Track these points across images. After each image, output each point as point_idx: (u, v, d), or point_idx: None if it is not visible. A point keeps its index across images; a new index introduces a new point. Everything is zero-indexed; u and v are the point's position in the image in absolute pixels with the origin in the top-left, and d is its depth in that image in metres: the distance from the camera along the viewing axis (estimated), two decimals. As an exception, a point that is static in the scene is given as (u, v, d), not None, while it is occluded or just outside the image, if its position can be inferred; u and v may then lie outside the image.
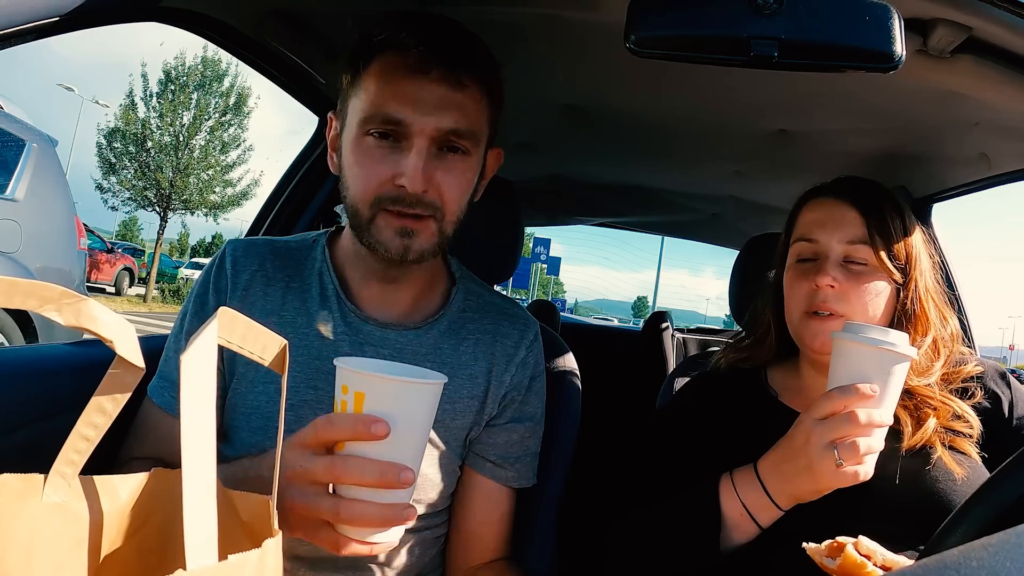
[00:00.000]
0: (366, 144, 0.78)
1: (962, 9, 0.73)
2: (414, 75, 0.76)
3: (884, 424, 0.71)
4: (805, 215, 0.95)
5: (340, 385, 0.57)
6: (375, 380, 0.56)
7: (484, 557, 0.88)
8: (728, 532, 0.79)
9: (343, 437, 0.56)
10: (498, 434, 0.89)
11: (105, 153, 18.14)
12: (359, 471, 0.56)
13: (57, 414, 0.81)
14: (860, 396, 0.71)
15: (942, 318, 0.90)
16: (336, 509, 0.56)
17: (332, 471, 0.56)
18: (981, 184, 1.36)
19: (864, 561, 0.60)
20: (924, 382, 0.86)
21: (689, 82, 1.12)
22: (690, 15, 0.64)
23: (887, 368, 0.71)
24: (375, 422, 0.54)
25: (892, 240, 0.89)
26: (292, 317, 0.84)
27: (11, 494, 0.42)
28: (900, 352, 0.71)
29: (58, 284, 0.41)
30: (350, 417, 0.56)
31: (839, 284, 0.87)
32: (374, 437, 0.54)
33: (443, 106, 0.77)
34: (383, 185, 0.77)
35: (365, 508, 0.57)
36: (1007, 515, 0.50)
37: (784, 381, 0.98)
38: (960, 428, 0.83)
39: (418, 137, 0.76)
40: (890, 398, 0.72)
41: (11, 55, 10.03)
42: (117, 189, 18.26)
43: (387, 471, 0.55)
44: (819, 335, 0.88)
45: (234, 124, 18.91)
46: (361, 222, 0.80)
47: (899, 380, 0.72)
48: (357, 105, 0.79)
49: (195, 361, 0.39)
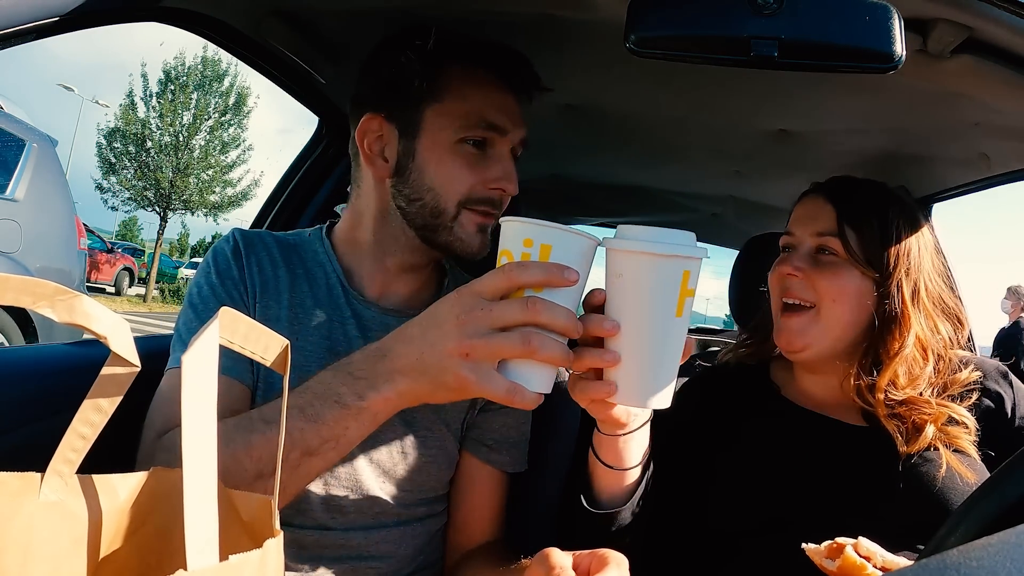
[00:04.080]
0: (463, 150, 0.84)
1: (962, 9, 0.73)
2: (506, 88, 0.86)
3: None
4: (793, 212, 0.97)
5: (521, 238, 0.60)
6: (562, 233, 0.60)
7: (478, 540, 0.91)
8: (595, 482, 0.79)
9: (535, 282, 0.59)
10: (494, 418, 0.92)
11: (105, 153, 18.16)
12: (551, 313, 0.58)
13: (57, 414, 0.81)
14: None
15: (933, 327, 0.89)
16: (528, 339, 0.58)
17: (529, 310, 0.58)
18: (981, 184, 1.36)
19: (864, 563, 0.60)
20: (914, 391, 0.85)
21: (689, 82, 1.12)
22: (690, 15, 0.64)
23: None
24: (567, 269, 0.58)
25: (867, 237, 0.88)
26: (301, 299, 0.87)
27: (8, 493, 0.42)
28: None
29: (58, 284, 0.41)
30: (544, 264, 0.59)
31: (803, 272, 0.88)
32: (567, 282, 0.58)
33: (522, 118, 0.88)
34: (474, 188, 0.84)
35: (553, 343, 0.59)
36: (1008, 515, 0.50)
37: (785, 376, 0.99)
38: (958, 432, 0.83)
39: (507, 145, 0.86)
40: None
41: (11, 55, 10.03)
42: (117, 189, 18.28)
43: (571, 316, 0.59)
44: (783, 331, 0.91)
45: (234, 124, 18.92)
46: (444, 221, 0.85)
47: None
48: (447, 112, 0.84)
49: (196, 361, 0.38)
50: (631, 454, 0.75)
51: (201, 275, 0.87)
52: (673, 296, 0.61)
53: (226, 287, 0.84)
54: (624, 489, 0.77)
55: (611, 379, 0.62)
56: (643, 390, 0.62)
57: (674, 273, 0.60)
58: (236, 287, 0.85)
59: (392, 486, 0.85)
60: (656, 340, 0.61)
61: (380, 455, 0.84)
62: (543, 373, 0.62)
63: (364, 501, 0.83)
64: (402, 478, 0.85)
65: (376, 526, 0.84)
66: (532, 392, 0.60)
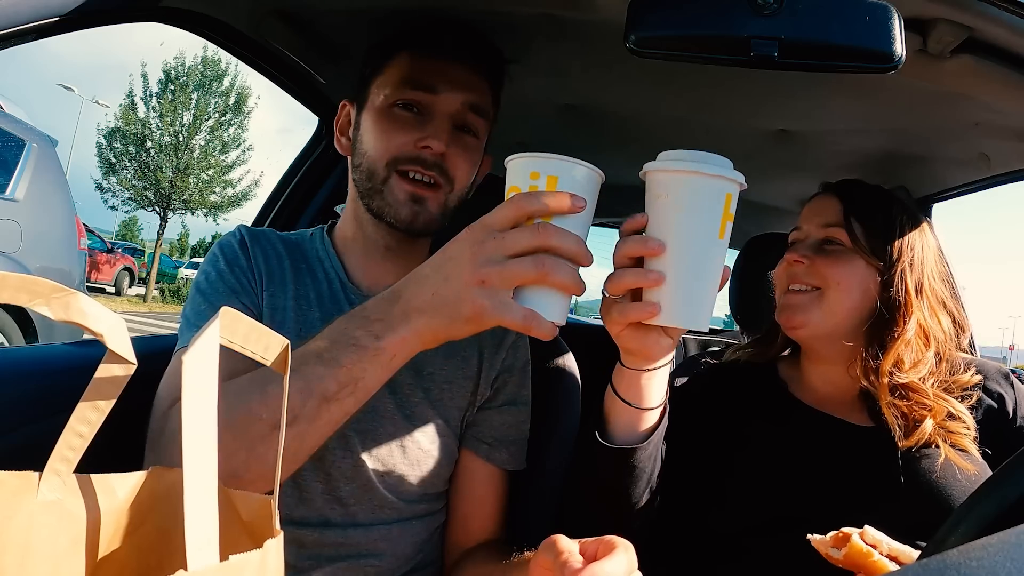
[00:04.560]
0: (392, 114, 0.86)
1: (962, 9, 0.73)
2: (444, 56, 0.87)
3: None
4: (802, 212, 0.99)
5: (528, 172, 0.62)
6: (567, 163, 0.61)
7: (478, 538, 0.91)
8: (611, 421, 0.78)
9: (544, 210, 0.60)
10: (493, 416, 0.92)
11: (105, 153, 18.15)
12: (561, 237, 0.59)
13: (57, 414, 0.81)
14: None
15: (936, 319, 0.91)
16: (541, 263, 0.58)
17: (539, 235, 0.59)
18: (981, 184, 1.36)
19: (870, 550, 0.60)
20: (916, 376, 0.87)
21: (689, 82, 1.12)
22: (690, 15, 0.64)
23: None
24: (574, 197, 0.60)
25: (869, 225, 0.91)
26: (305, 292, 0.89)
27: (6, 492, 0.42)
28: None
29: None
30: (552, 192, 0.60)
31: (809, 259, 0.91)
32: (575, 209, 0.60)
33: (467, 84, 0.87)
34: (403, 147, 0.85)
35: (565, 267, 0.60)
36: (1008, 515, 0.50)
37: (792, 373, 1.01)
38: (956, 428, 0.84)
39: (443, 107, 0.86)
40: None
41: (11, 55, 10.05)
42: (117, 189, 18.28)
43: (580, 243, 0.60)
44: (785, 308, 0.93)
45: (234, 124, 18.92)
46: (375, 184, 0.86)
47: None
48: (385, 81, 0.87)
49: (197, 361, 0.38)
50: (652, 393, 0.75)
51: (209, 264, 0.87)
52: (717, 216, 0.62)
53: (235, 273, 0.86)
54: (641, 432, 0.76)
55: (653, 299, 0.63)
56: (687, 309, 0.63)
57: (719, 194, 0.62)
58: (245, 274, 0.86)
59: (392, 480, 0.85)
60: (701, 258, 0.63)
61: (380, 449, 0.84)
62: (558, 301, 0.62)
63: (365, 494, 0.83)
64: (402, 473, 0.85)
65: (376, 523, 0.84)
66: (548, 321, 0.61)
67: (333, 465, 0.82)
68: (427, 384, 0.88)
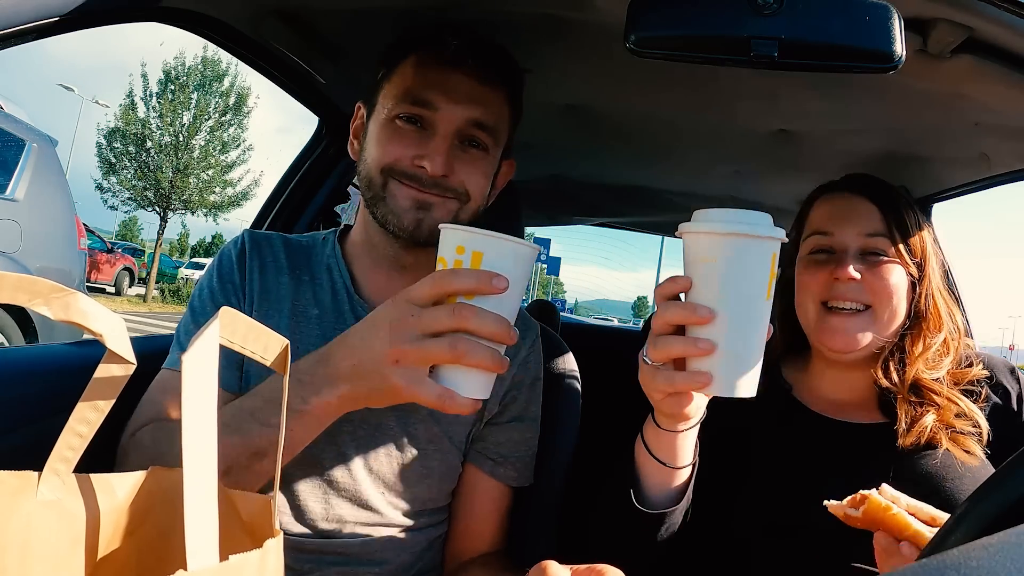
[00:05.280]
0: (393, 126, 0.84)
1: (962, 9, 0.73)
2: (448, 67, 0.83)
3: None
4: (818, 210, 0.95)
5: (455, 246, 0.60)
6: (494, 240, 0.59)
7: (479, 549, 0.90)
8: (644, 480, 0.77)
9: (464, 290, 0.59)
10: (500, 432, 0.91)
11: (105, 153, 18.14)
12: (479, 319, 0.58)
13: (57, 414, 0.81)
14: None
15: (950, 313, 0.91)
16: (455, 344, 0.58)
17: (455, 316, 0.58)
18: (981, 184, 1.36)
19: (888, 504, 0.59)
20: (933, 376, 0.86)
21: (689, 82, 1.12)
22: (690, 15, 0.64)
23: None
24: (496, 277, 0.58)
25: (909, 234, 0.89)
26: (304, 307, 0.87)
27: (5, 492, 0.42)
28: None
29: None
30: (474, 271, 0.59)
31: (861, 275, 0.86)
32: (495, 290, 0.58)
33: (472, 98, 0.83)
34: (400, 161, 0.83)
35: (482, 348, 0.58)
36: (1008, 515, 0.50)
37: (796, 375, 0.98)
38: (963, 427, 0.83)
39: (444, 125, 0.83)
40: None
41: (11, 55, 10.03)
42: (117, 189, 18.26)
43: (501, 323, 0.58)
44: (839, 334, 0.87)
45: (234, 124, 18.90)
46: (375, 192, 0.84)
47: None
48: (390, 91, 0.85)
49: (196, 361, 0.38)
50: (686, 451, 0.74)
51: (205, 277, 0.88)
52: (765, 277, 0.60)
53: (225, 292, 0.85)
54: (675, 489, 0.75)
55: (701, 368, 0.60)
56: (738, 378, 0.60)
57: (767, 254, 0.60)
58: (235, 292, 0.86)
59: (392, 497, 0.85)
60: (752, 324, 0.60)
61: (381, 467, 0.84)
62: (476, 378, 0.61)
63: (364, 512, 0.83)
64: (403, 490, 0.85)
65: (376, 535, 0.84)
66: (464, 398, 0.60)
67: (332, 485, 0.82)
68: None
